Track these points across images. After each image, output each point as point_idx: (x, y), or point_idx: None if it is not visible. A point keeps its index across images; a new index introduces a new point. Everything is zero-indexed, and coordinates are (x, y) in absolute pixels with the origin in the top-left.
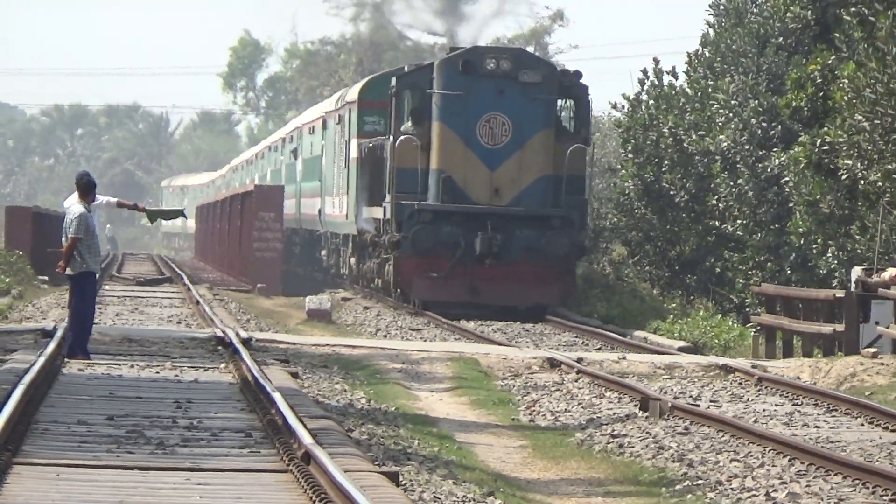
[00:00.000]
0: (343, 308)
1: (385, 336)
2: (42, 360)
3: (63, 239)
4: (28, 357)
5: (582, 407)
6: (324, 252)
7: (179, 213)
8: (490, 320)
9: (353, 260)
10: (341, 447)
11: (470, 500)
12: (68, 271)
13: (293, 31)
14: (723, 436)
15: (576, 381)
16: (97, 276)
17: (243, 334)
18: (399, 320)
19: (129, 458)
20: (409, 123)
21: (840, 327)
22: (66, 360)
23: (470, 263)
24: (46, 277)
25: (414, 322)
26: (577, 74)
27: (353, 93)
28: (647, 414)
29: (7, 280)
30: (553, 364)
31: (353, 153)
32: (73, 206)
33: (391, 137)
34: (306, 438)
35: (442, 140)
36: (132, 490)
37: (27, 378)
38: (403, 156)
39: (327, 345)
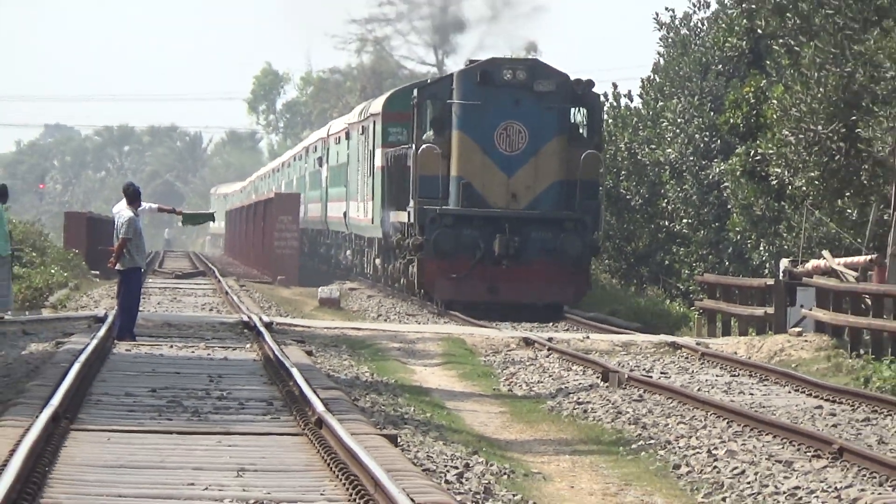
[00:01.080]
0: (350, 297)
1: (385, 320)
2: (95, 342)
3: (115, 239)
4: (83, 339)
5: (552, 378)
6: (348, 252)
7: (210, 217)
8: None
9: (377, 261)
10: (348, 414)
11: (457, 458)
12: (118, 266)
13: (307, 62)
14: (671, 402)
15: (547, 356)
16: (143, 270)
17: (266, 319)
18: (397, 307)
19: (168, 424)
20: (431, 132)
21: (770, 310)
22: (115, 341)
23: (489, 264)
24: (98, 272)
25: (409, 308)
26: (590, 83)
27: (377, 105)
28: (607, 384)
29: (66, 274)
30: (528, 342)
31: (378, 162)
32: (122, 211)
33: (413, 146)
34: (319, 406)
35: (461, 148)
36: (171, 451)
37: (82, 357)
38: (425, 163)
39: (336, 328)
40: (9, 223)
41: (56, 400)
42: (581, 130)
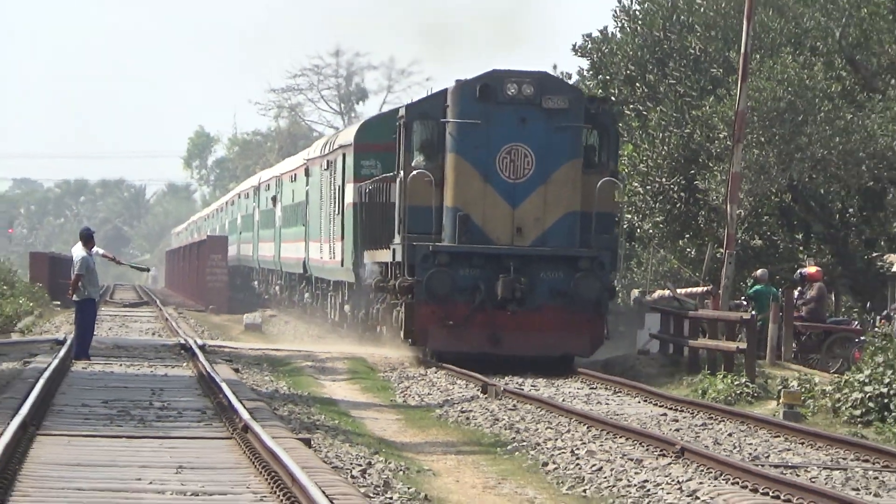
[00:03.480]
0: (270, 322)
1: (300, 342)
2: (56, 361)
3: (71, 274)
4: (46, 359)
5: (440, 391)
6: (307, 294)
7: (146, 269)
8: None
9: (347, 307)
10: (269, 421)
11: (361, 458)
12: (75, 297)
13: (234, 125)
14: (540, 410)
15: (435, 373)
16: (97, 300)
17: (199, 342)
18: (310, 331)
19: (118, 429)
20: (421, 157)
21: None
22: (73, 361)
23: (491, 310)
24: (59, 302)
25: (319, 332)
26: (606, 101)
27: (347, 135)
28: (486, 395)
29: (31, 304)
30: (420, 361)
31: (350, 198)
32: (77, 251)
33: (401, 173)
34: (245, 415)
35: (458, 174)
36: (121, 452)
37: (46, 374)
38: (415, 192)
39: (259, 349)
40: None
41: (24, 410)
42: (595, 154)
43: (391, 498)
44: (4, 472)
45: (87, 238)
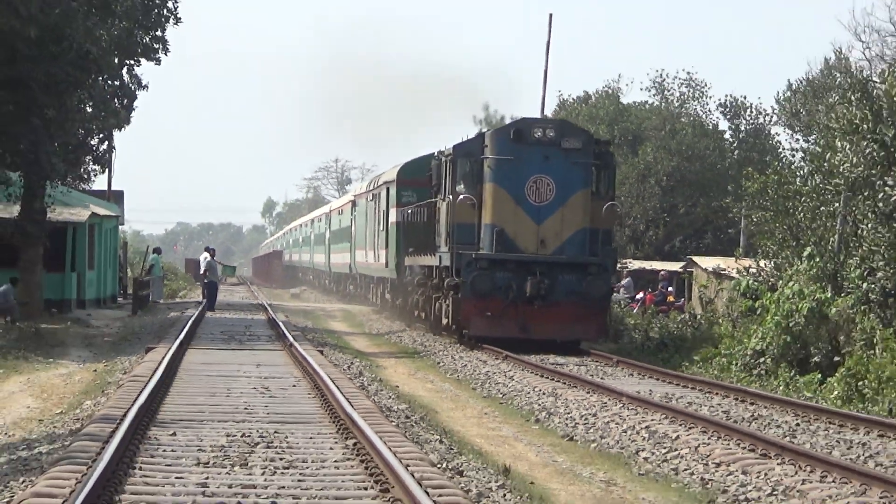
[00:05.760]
0: (302, 293)
1: (318, 302)
2: (197, 312)
3: (201, 269)
4: (192, 311)
5: (387, 326)
6: (351, 286)
7: (233, 267)
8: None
9: (388, 295)
10: (303, 342)
11: (347, 360)
12: (205, 280)
13: (285, 195)
14: (438, 337)
15: (388, 316)
16: (217, 282)
17: (268, 302)
18: (323, 297)
19: (227, 345)
20: (462, 186)
21: None
22: (207, 312)
23: (520, 305)
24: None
25: (328, 297)
26: (607, 143)
27: (390, 174)
28: (409, 329)
29: (185, 284)
30: (379, 311)
31: (393, 218)
32: (203, 257)
33: (450, 197)
34: (290, 339)
35: (495, 198)
36: (229, 356)
37: (192, 318)
38: (461, 213)
39: (297, 305)
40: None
41: (182, 335)
42: (599, 184)
43: (363, 378)
44: (173, 364)
45: (210, 251)
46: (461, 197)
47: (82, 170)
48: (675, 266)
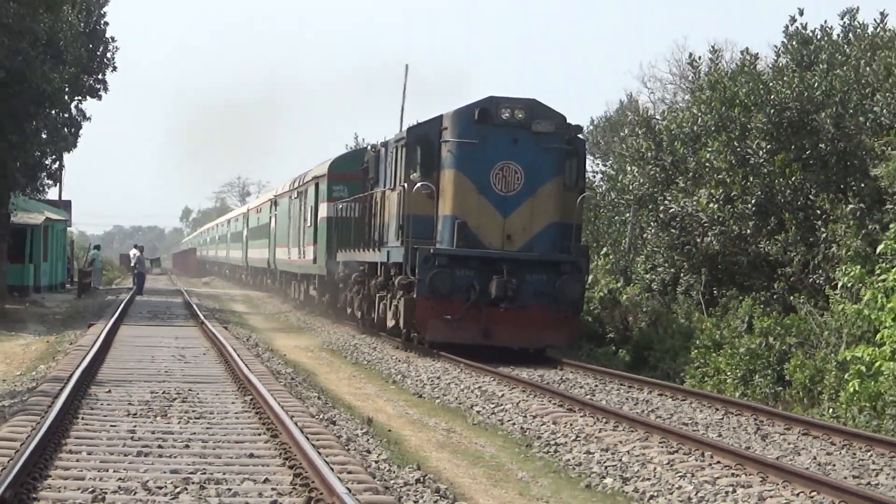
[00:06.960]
0: (212, 282)
1: (223, 289)
2: (129, 295)
3: (131, 262)
4: (124, 296)
5: (280, 307)
6: (269, 280)
7: (158, 259)
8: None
9: (313, 292)
10: (210, 319)
11: (246, 334)
12: (135, 271)
13: (199, 204)
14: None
15: (280, 301)
16: (143, 273)
17: (185, 288)
18: (230, 284)
19: (152, 322)
20: (417, 173)
21: None
22: (136, 296)
23: (484, 307)
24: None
25: (231, 285)
26: (579, 129)
27: (320, 169)
28: (295, 310)
29: (119, 274)
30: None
31: (323, 213)
32: (133, 252)
33: (404, 185)
34: (201, 316)
35: (456, 187)
36: (154, 331)
37: (125, 301)
38: (416, 203)
39: (207, 291)
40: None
41: (116, 314)
42: (570, 173)
43: (258, 349)
44: (110, 336)
45: (139, 248)
46: (418, 185)
47: (38, 183)
48: None
